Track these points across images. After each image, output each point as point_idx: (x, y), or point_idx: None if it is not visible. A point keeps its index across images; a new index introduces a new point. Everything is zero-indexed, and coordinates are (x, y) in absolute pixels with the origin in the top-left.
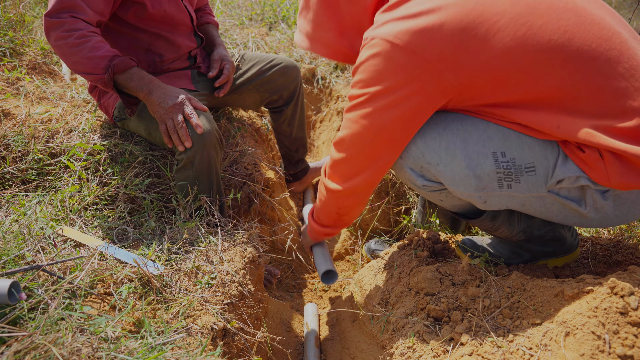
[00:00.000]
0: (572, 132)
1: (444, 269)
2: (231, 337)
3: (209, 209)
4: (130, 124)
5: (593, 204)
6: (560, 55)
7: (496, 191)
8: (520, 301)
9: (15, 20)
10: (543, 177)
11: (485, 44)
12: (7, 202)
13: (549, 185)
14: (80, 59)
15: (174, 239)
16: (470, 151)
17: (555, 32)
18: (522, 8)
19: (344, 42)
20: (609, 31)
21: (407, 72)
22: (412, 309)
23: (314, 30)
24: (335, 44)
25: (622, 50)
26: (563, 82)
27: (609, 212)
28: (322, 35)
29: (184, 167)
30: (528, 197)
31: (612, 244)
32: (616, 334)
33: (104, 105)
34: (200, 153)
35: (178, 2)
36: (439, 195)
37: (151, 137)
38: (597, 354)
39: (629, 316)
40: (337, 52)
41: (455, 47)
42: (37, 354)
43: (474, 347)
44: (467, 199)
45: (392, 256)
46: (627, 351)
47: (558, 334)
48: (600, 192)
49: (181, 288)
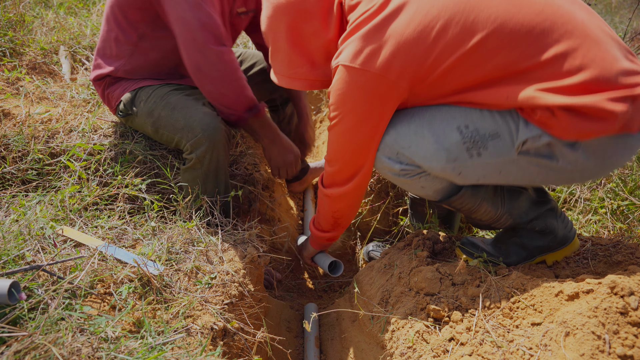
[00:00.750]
0: (519, 98)
1: (444, 269)
2: (231, 337)
3: (209, 208)
4: (136, 120)
5: (565, 157)
6: (495, 40)
7: (467, 161)
8: (520, 301)
9: (15, 20)
10: (509, 141)
11: (428, 49)
12: (7, 202)
13: (516, 147)
14: (229, 92)
15: (174, 239)
16: (436, 129)
17: (487, 22)
18: (453, 8)
19: (318, 72)
20: (539, 5)
21: (366, 90)
22: (412, 309)
23: (288, 68)
24: (310, 76)
25: (556, 18)
26: (504, 60)
27: (585, 163)
28: (297, 72)
29: (192, 166)
30: (502, 163)
31: (612, 244)
32: (616, 334)
33: (107, 97)
34: (210, 153)
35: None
36: (419, 182)
37: (157, 134)
38: (597, 354)
39: (629, 316)
40: (313, 82)
41: (402, 58)
42: (37, 354)
43: (474, 347)
44: (442, 174)
45: (392, 256)
46: (627, 351)
47: (558, 334)
48: (567, 145)
49: (181, 288)
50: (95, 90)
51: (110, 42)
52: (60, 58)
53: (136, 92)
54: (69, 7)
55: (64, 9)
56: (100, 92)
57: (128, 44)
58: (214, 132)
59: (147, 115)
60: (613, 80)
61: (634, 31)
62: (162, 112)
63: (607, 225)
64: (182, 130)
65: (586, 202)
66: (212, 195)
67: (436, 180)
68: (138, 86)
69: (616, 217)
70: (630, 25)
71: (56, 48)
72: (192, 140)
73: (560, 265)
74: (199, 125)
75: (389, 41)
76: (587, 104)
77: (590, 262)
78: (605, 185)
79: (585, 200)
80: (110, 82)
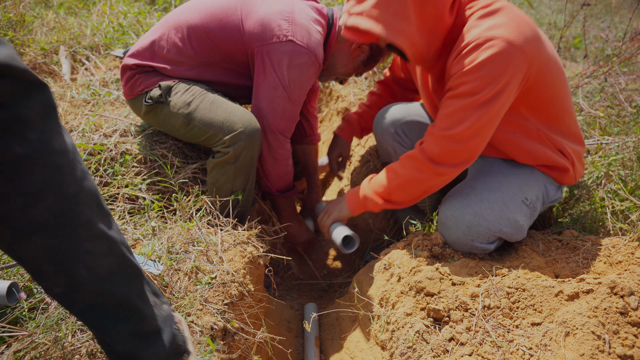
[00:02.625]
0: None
1: (444, 269)
2: (231, 337)
3: (209, 208)
4: (164, 110)
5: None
6: (560, 69)
7: (530, 221)
8: (520, 301)
9: (16, 20)
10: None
11: (544, 49)
12: None
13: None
14: (273, 172)
15: (174, 239)
16: (513, 209)
17: (554, 50)
18: (533, 30)
19: (422, 42)
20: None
21: (520, 65)
22: (412, 309)
23: (398, 20)
24: (412, 39)
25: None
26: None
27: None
28: (403, 27)
29: (226, 160)
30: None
31: (612, 244)
32: (616, 334)
33: (136, 81)
34: (247, 150)
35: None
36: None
37: (187, 127)
38: (597, 354)
39: (629, 316)
40: (413, 47)
41: (536, 49)
42: (37, 354)
43: (474, 347)
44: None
45: (392, 256)
46: (627, 351)
47: (558, 334)
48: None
49: (181, 288)
50: (97, 90)
51: (173, 48)
52: (60, 58)
53: (175, 83)
54: (69, 7)
55: (64, 9)
56: (129, 74)
57: (192, 61)
58: (253, 130)
59: (183, 105)
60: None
61: (634, 31)
62: (200, 103)
63: (607, 225)
64: (222, 123)
65: (586, 202)
66: (241, 191)
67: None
68: (177, 80)
69: (616, 217)
70: (630, 25)
71: (56, 48)
72: (231, 135)
73: (561, 265)
74: (241, 120)
75: (531, 34)
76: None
77: (590, 262)
78: (606, 186)
79: (586, 200)
80: (149, 70)
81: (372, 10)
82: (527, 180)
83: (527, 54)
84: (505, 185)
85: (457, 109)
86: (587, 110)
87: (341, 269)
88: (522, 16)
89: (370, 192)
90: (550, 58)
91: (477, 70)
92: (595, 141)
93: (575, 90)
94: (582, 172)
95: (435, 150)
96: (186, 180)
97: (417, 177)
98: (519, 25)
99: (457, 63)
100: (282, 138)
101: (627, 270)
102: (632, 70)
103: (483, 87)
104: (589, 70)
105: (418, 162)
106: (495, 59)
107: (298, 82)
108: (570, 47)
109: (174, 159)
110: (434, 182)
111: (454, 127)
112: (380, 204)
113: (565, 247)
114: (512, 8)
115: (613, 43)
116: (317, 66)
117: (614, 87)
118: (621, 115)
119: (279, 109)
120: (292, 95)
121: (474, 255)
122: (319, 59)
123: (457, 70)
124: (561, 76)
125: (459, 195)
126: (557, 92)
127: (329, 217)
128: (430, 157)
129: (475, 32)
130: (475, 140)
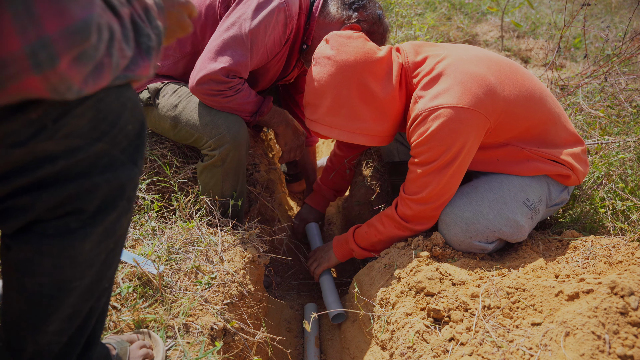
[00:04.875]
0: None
1: (444, 269)
2: (231, 337)
3: (209, 208)
4: (153, 113)
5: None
6: (532, 98)
7: (533, 223)
8: (520, 301)
9: None
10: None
11: (500, 96)
12: None
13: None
14: (231, 108)
15: (174, 239)
16: (513, 209)
17: (521, 84)
18: (500, 70)
19: (381, 128)
20: (528, 76)
21: (472, 126)
22: (412, 309)
23: (352, 123)
24: (372, 131)
25: (539, 87)
26: (544, 115)
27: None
28: (360, 127)
29: (213, 163)
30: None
31: (612, 244)
32: (616, 334)
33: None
34: (233, 152)
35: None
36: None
37: (175, 129)
38: (597, 354)
39: (629, 316)
40: (374, 138)
41: (488, 101)
42: None
43: (474, 347)
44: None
45: (392, 256)
46: (627, 351)
47: (558, 334)
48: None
49: (181, 288)
50: None
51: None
52: None
53: (164, 85)
54: None
55: None
56: None
57: (177, 52)
58: (238, 132)
59: (170, 108)
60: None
61: (634, 31)
62: (187, 106)
63: (607, 225)
64: (206, 126)
65: (586, 202)
66: (230, 194)
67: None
68: (167, 82)
69: (616, 217)
70: (630, 25)
71: None
72: (215, 138)
73: (561, 265)
74: (224, 123)
75: (482, 89)
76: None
77: (590, 262)
78: (606, 186)
79: (586, 200)
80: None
81: (325, 118)
82: (529, 181)
83: (477, 111)
84: (507, 185)
85: (420, 175)
86: (587, 110)
87: (341, 269)
88: (468, 71)
89: (354, 245)
90: (511, 100)
91: (428, 141)
92: (596, 141)
93: (575, 90)
94: (585, 171)
95: (407, 213)
96: (186, 180)
97: (396, 234)
98: (464, 84)
99: (412, 133)
100: (218, 79)
101: (627, 270)
102: (632, 70)
103: (438, 155)
104: (589, 70)
105: (395, 222)
106: (444, 127)
107: (259, 23)
108: (570, 47)
109: (174, 159)
110: (411, 234)
111: (420, 191)
112: (365, 253)
113: (565, 247)
114: (457, 65)
115: (613, 43)
116: (286, 16)
117: (614, 87)
118: (621, 115)
119: (220, 43)
120: (247, 32)
121: (474, 256)
122: (290, 8)
123: (413, 140)
124: (534, 105)
125: (460, 194)
126: (533, 122)
127: (319, 265)
128: (404, 218)
129: (422, 103)
130: (441, 198)
